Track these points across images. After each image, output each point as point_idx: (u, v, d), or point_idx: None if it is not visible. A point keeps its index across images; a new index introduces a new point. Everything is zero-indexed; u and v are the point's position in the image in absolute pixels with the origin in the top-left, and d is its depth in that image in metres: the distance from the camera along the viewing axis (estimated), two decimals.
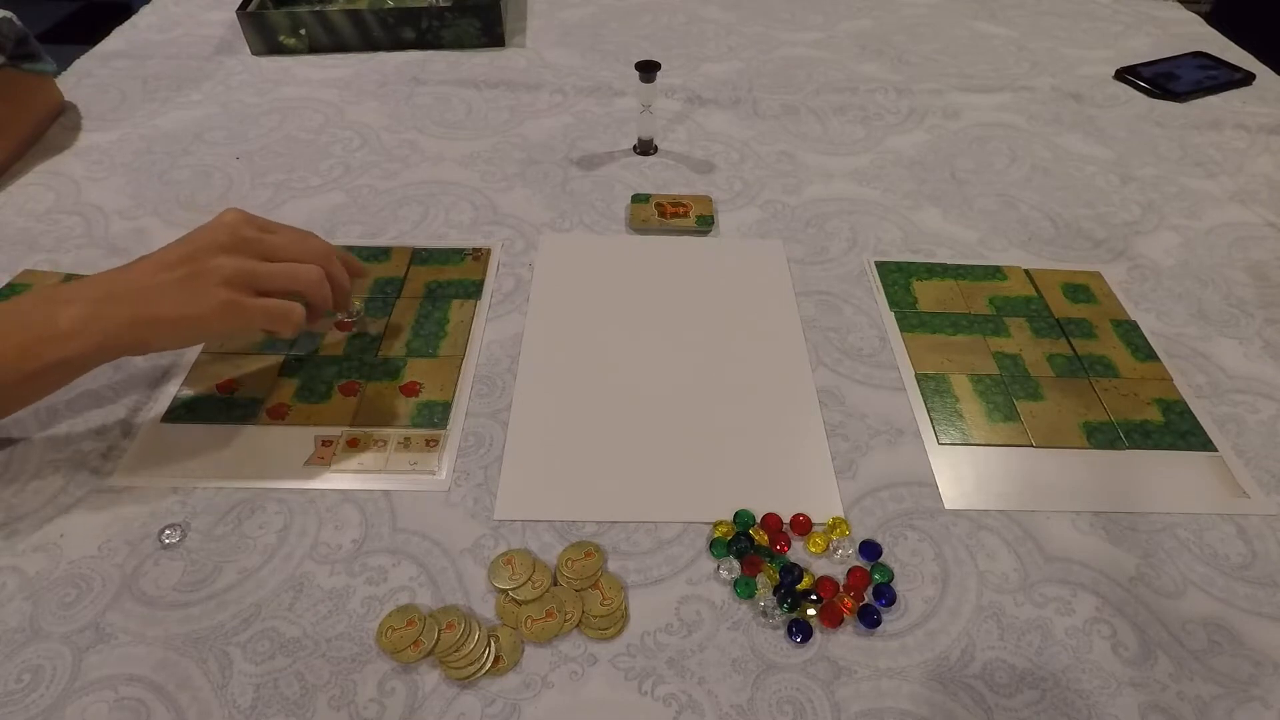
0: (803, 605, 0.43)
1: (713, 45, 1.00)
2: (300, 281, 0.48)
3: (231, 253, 0.46)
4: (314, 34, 0.94)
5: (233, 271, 0.46)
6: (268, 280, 0.47)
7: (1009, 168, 0.79)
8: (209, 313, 0.45)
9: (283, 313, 0.47)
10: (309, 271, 0.49)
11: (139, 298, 0.44)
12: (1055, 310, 0.62)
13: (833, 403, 0.55)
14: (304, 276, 0.48)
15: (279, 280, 0.48)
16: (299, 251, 0.49)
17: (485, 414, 0.53)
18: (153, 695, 0.39)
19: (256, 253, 0.47)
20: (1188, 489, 0.50)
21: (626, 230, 0.70)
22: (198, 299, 0.45)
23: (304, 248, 0.50)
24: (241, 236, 0.47)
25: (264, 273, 0.47)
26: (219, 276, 0.45)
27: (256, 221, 0.49)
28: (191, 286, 0.45)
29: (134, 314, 0.44)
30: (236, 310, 0.45)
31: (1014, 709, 0.40)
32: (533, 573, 0.44)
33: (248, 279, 0.46)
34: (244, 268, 0.46)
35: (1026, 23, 1.08)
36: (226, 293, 0.45)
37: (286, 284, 0.48)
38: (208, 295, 0.45)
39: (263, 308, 0.46)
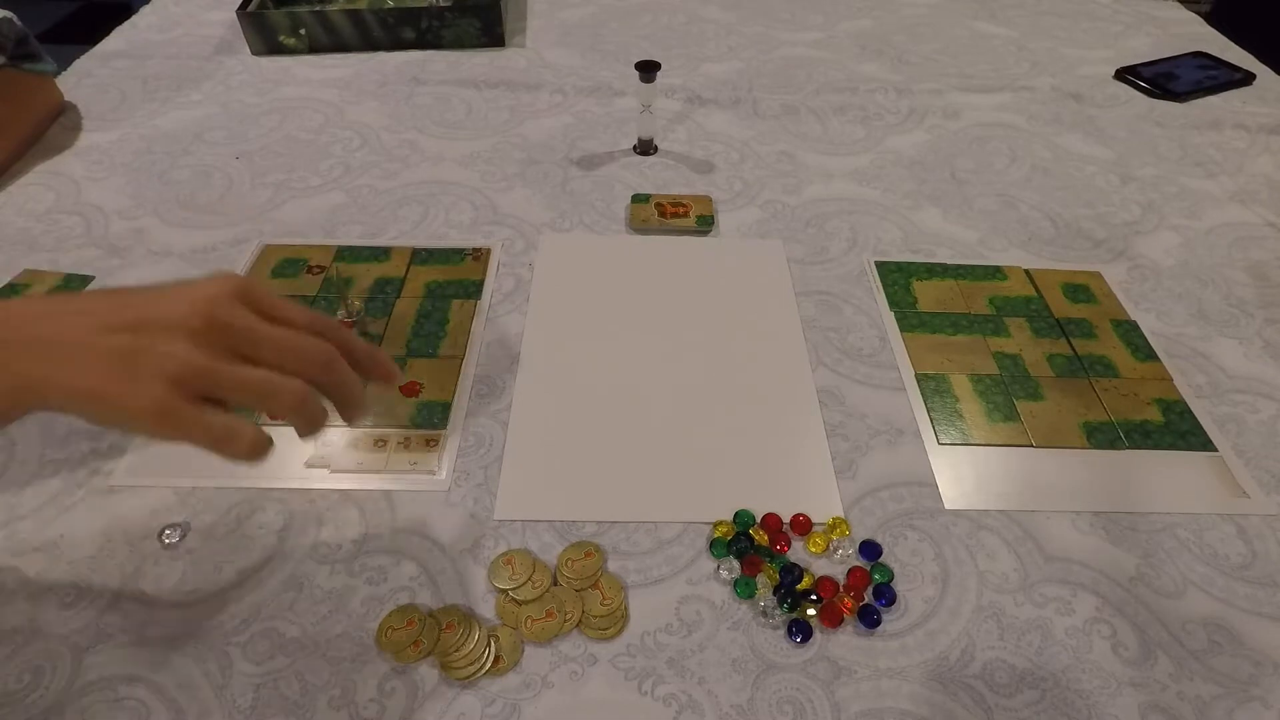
0: (803, 605, 0.43)
1: (713, 45, 1.00)
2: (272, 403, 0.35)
3: (197, 340, 0.34)
4: (314, 34, 0.94)
5: (183, 368, 0.33)
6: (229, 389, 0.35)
7: (1009, 168, 0.79)
8: (134, 408, 0.33)
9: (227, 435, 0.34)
10: (283, 392, 0.35)
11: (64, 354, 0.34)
12: (1055, 310, 0.62)
13: (833, 403, 0.55)
14: (278, 399, 0.35)
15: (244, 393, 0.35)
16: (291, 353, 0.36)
17: (485, 414, 0.53)
18: (153, 695, 0.39)
19: (232, 345, 0.35)
20: (1188, 489, 0.50)
21: (626, 230, 0.70)
22: (131, 386, 0.33)
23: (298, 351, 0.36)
24: (220, 321, 0.35)
25: (226, 380, 0.34)
26: (164, 367, 0.33)
27: (254, 298, 0.37)
28: (125, 365, 0.33)
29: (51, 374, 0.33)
30: (168, 419, 0.33)
31: (1014, 709, 0.40)
32: (533, 573, 0.44)
33: (202, 382, 0.34)
34: (200, 367, 0.34)
35: (1026, 23, 1.08)
36: (165, 391, 0.33)
37: (253, 400, 0.35)
38: (140, 386, 0.33)
39: (204, 427, 0.34)
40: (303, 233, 0.68)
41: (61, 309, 0.35)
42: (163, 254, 0.65)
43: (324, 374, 0.37)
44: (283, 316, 0.37)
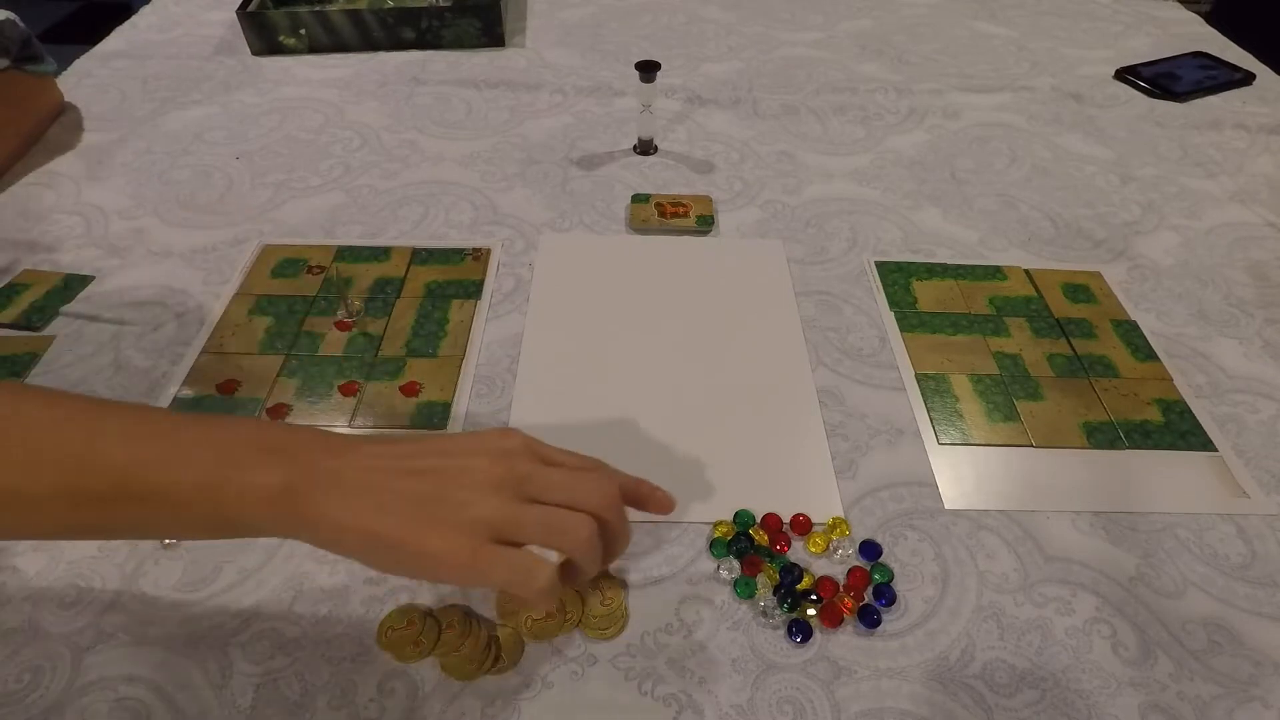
0: (803, 605, 0.43)
1: (713, 45, 1.00)
2: (567, 539, 0.36)
3: (497, 490, 0.36)
4: (314, 34, 0.94)
5: (489, 515, 0.35)
6: (527, 532, 0.36)
7: (1009, 168, 0.79)
8: (438, 554, 0.34)
9: (527, 575, 0.35)
10: (579, 528, 0.36)
11: (369, 497, 0.34)
12: (1055, 310, 0.62)
13: (833, 403, 0.55)
14: (572, 534, 0.36)
15: (539, 534, 0.36)
16: (578, 494, 0.38)
17: (485, 414, 0.53)
18: (153, 695, 0.39)
19: (526, 492, 0.36)
20: (1188, 489, 0.50)
21: (626, 230, 0.70)
22: (433, 532, 0.34)
23: (584, 490, 0.38)
24: (515, 471, 0.37)
25: (525, 522, 0.36)
26: (471, 516, 0.35)
27: (538, 451, 0.39)
28: (432, 513, 0.34)
29: (354, 516, 0.34)
30: (475, 565, 0.34)
31: (1014, 709, 0.40)
32: None
33: (503, 529, 0.35)
34: (504, 515, 0.35)
35: (1026, 23, 1.08)
36: (468, 539, 0.34)
37: (547, 540, 0.36)
38: (447, 533, 0.34)
39: (505, 566, 0.35)
40: (303, 233, 0.68)
41: (367, 450, 0.36)
42: (163, 254, 0.65)
43: (606, 511, 0.38)
44: (562, 460, 0.39)
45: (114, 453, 0.34)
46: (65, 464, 0.33)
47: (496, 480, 0.36)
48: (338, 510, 0.34)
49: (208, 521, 0.34)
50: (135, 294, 0.62)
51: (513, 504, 0.36)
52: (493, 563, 0.34)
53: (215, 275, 0.63)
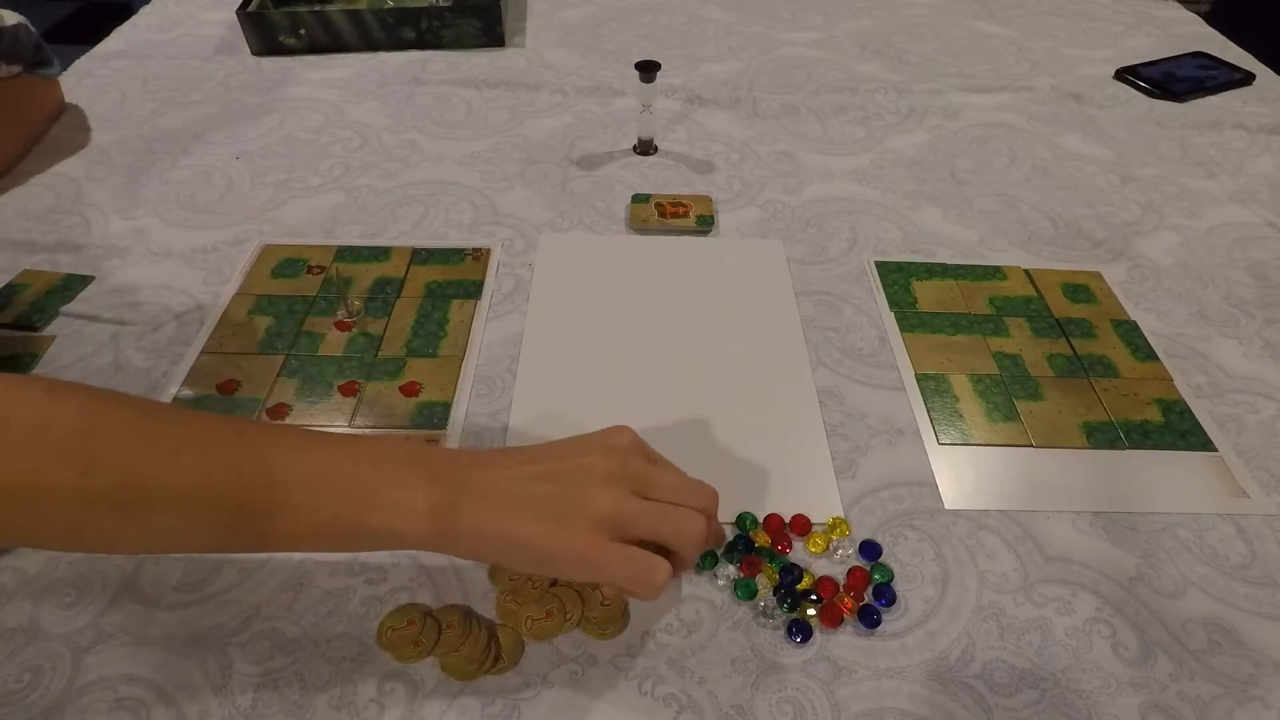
0: (803, 605, 0.43)
1: (713, 45, 1.00)
2: (682, 534, 0.39)
3: (613, 485, 0.38)
4: (314, 34, 0.94)
5: (609, 510, 0.37)
6: (642, 526, 0.38)
7: (1009, 168, 0.79)
8: (564, 550, 0.36)
9: (647, 571, 0.37)
10: (693, 523, 0.39)
11: (501, 503, 0.37)
12: (1055, 310, 0.62)
13: (833, 403, 0.55)
14: (687, 529, 0.39)
15: (655, 528, 0.38)
16: (685, 494, 0.40)
17: (485, 414, 0.53)
18: (153, 695, 0.39)
19: (637, 487, 0.39)
20: (1188, 489, 0.50)
21: (626, 230, 0.70)
22: (559, 530, 0.36)
23: (691, 492, 0.41)
24: (629, 468, 0.39)
25: (641, 516, 0.38)
26: (591, 511, 0.37)
27: (645, 450, 0.41)
28: (558, 511, 0.37)
29: (489, 521, 0.36)
30: (596, 559, 0.36)
31: (1014, 709, 0.40)
32: None
33: (621, 523, 0.37)
34: (622, 509, 0.37)
35: (1026, 23, 1.08)
36: (591, 535, 0.36)
37: (661, 534, 0.38)
38: (572, 530, 0.36)
39: (626, 561, 0.37)
40: (303, 233, 0.68)
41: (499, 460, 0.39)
42: (163, 254, 0.65)
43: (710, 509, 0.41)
44: (666, 465, 0.42)
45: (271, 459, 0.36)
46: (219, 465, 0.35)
47: (612, 476, 0.38)
48: (477, 519, 0.36)
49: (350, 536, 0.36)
50: (135, 294, 0.62)
51: (628, 499, 0.38)
52: (613, 559, 0.37)
53: (215, 275, 0.63)
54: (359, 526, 0.35)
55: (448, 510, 0.36)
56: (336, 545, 0.39)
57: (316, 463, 0.36)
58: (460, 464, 0.38)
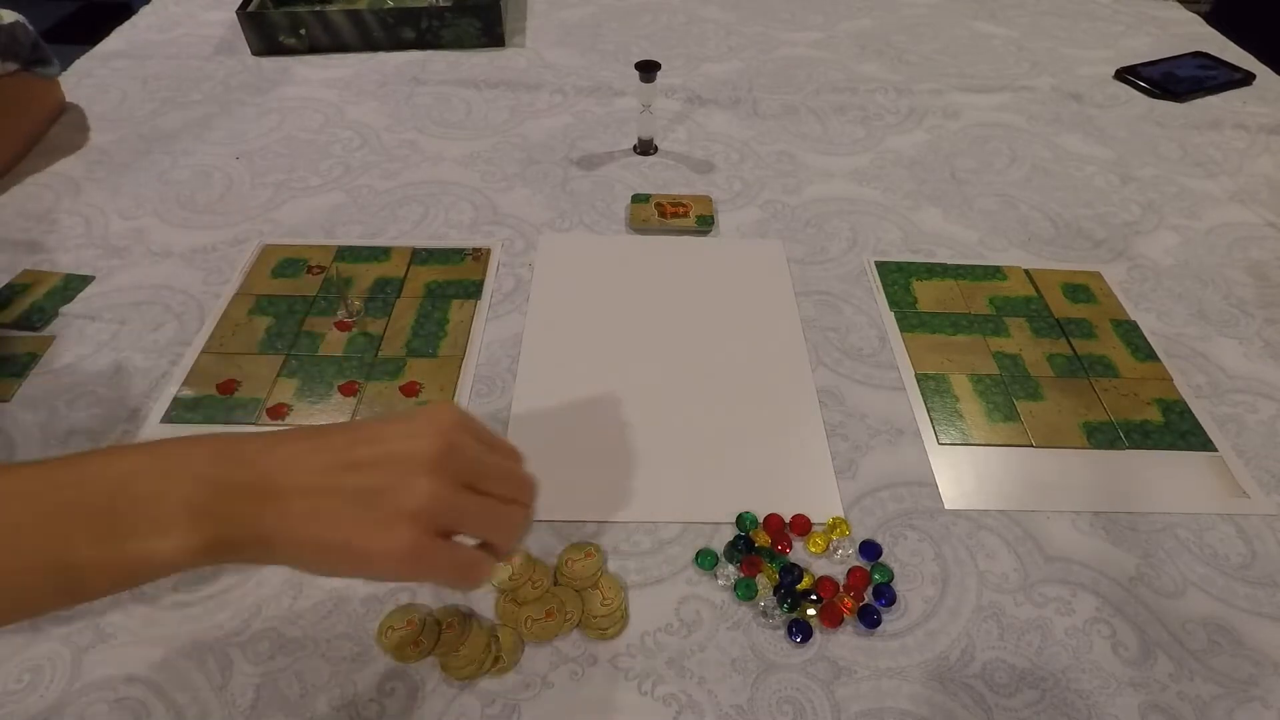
0: (803, 605, 0.43)
1: (713, 45, 1.00)
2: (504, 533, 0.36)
3: (438, 473, 0.33)
4: (314, 34, 0.94)
5: (434, 505, 0.32)
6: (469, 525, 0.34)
7: (1009, 168, 0.79)
8: (383, 554, 0.31)
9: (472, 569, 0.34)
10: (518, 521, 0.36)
11: (295, 502, 0.31)
12: (1055, 310, 0.62)
13: (833, 403, 0.55)
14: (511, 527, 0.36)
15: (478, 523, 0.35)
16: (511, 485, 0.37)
17: (485, 414, 0.53)
18: (153, 695, 0.39)
19: (465, 477, 0.34)
20: (1188, 489, 0.50)
21: (626, 230, 0.70)
22: (375, 530, 0.31)
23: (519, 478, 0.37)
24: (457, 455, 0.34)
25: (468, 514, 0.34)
26: (414, 506, 0.32)
27: (474, 429, 0.36)
28: (373, 507, 0.32)
29: (287, 523, 0.31)
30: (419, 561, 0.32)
31: (1014, 709, 0.40)
32: (533, 573, 0.44)
33: (446, 519, 0.33)
34: (449, 504, 0.33)
35: (1026, 23, 1.08)
36: (413, 533, 0.32)
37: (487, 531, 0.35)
38: (390, 530, 0.31)
39: (451, 563, 0.33)
40: (303, 233, 0.68)
41: (295, 449, 0.33)
42: (163, 254, 0.65)
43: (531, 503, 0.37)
44: (496, 444, 0.37)
45: None
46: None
47: (437, 463, 0.33)
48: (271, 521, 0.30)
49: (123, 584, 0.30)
50: (135, 294, 0.62)
51: (456, 493, 0.33)
52: (439, 561, 0.33)
53: (215, 275, 0.63)
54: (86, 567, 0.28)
55: (224, 514, 0.30)
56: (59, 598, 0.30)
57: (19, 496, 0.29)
58: (243, 454, 0.31)
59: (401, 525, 0.32)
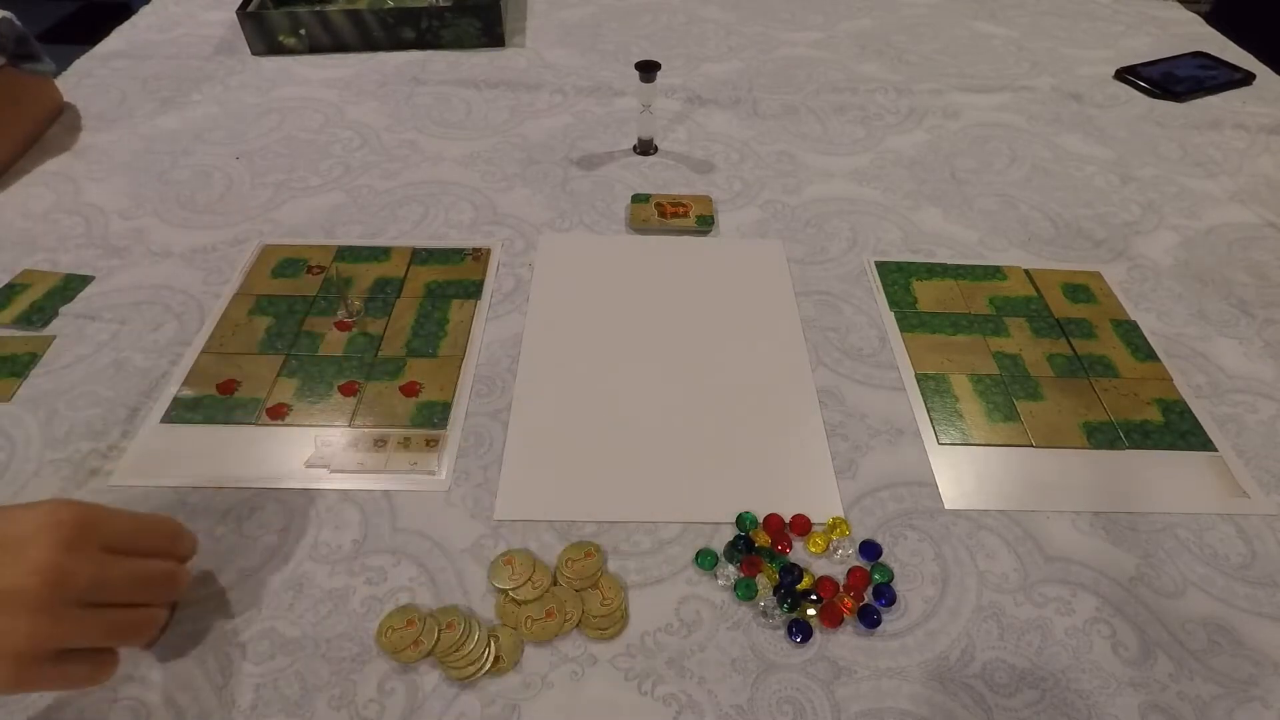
0: (803, 605, 0.43)
1: (713, 45, 1.00)
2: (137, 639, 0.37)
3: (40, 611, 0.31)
4: (314, 34, 0.94)
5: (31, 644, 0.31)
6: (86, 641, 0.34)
7: (1009, 168, 0.79)
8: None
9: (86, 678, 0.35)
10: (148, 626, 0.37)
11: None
12: (1055, 310, 0.62)
13: (833, 403, 0.55)
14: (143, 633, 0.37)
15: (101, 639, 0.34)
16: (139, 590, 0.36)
17: (485, 414, 0.53)
18: (153, 695, 0.39)
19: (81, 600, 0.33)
20: (1188, 489, 0.50)
21: (626, 230, 0.70)
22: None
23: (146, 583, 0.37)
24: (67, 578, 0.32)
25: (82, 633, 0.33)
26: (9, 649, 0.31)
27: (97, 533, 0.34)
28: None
29: None
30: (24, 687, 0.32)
31: (1014, 709, 0.40)
32: (533, 573, 0.44)
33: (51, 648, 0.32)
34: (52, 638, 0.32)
35: (1026, 23, 1.08)
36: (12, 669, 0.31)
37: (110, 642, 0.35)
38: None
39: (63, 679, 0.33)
40: (303, 233, 0.68)
41: None
42: (163, 254, 0.65)
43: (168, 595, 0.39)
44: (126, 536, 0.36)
45: None
46: None
47: (38, 600, 0.31)
48: None
49: None
50: (135, 294, 0.62)
51: (63, 624, 0.32)
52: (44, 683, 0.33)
53: (215, 275, 0.63)
54: None
55: None
56: None
57: None
58: None
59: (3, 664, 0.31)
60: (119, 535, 0.35)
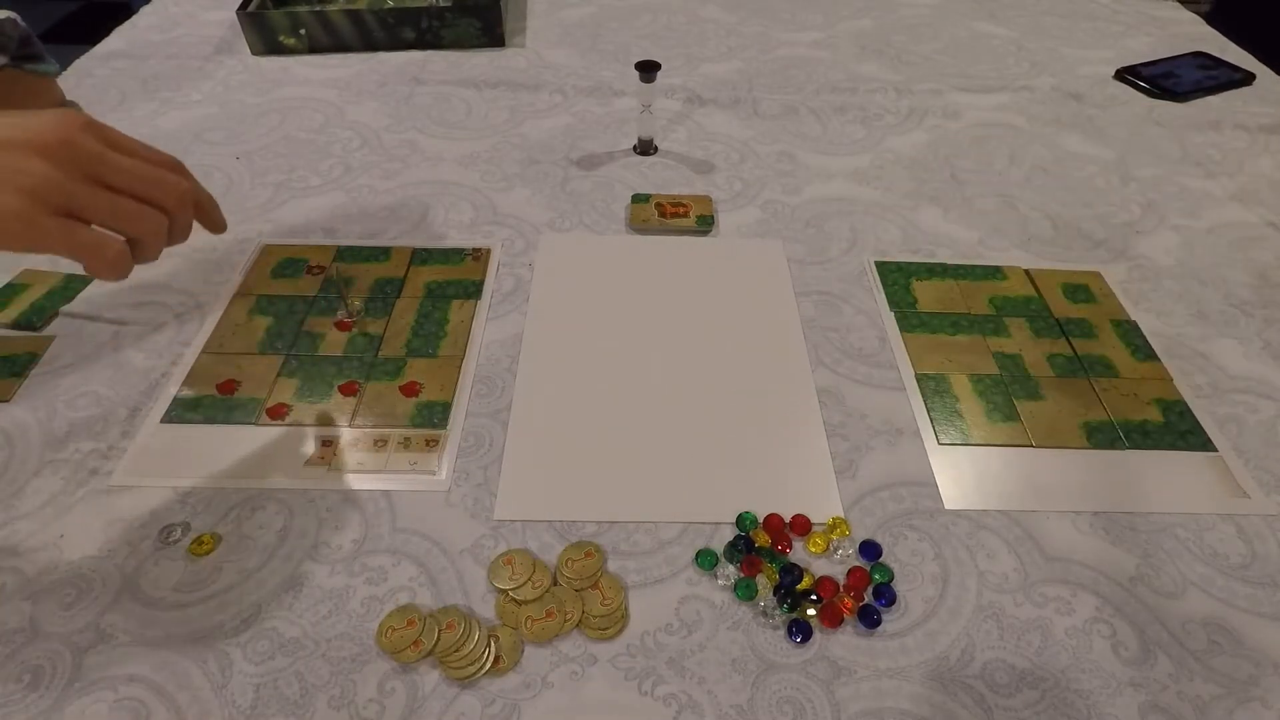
0: (803, 605, 0.43)
1: (713, 45, 1.00)
2: (137, 227, 0.38)
3: (53, 161, 0.35)
4: (314, 34, 0.94)
5: (42, 183, 0.35)
6: (91, 211, 0.37)
7: (1009, 168, 0.79)
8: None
9: (94, 246, 0.36)
10: (149, 219, 0.38)
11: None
12: (1055, 310, 0.62)
13: (833, 403, 0.55)
14: (143, 225, 0.38)
15: (107, 217, 0.37)
16: (151, 188, 0.39)
17: (485, 414, 0.53)
18: (153, 695, 0.39)
19: (90, 174, 0.36)
20: (1188, 489, 0.50)
21: (626, 230, 0.70)
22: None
23: (155, 183, 0.39)
24: (77, 147, 0.36)
25: (88, 203, 0.36)
26: (22, 183, 0.34)
27: (104, 132, 0.38)
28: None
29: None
30: (26, 227, 0.35)
31: (1014, 709, 0.40)
32: (533, 573, 0.44)
33: (61, 200, 0.35)
34: (61, 186, 0.35)
35: (1026, 23, 1.08)
36: (25, 202, 0.34)
37: (116, 224, 0.38)
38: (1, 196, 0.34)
39: (64, 233, 0.36)
40: (303, 233, 0.68)
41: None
42: (162, 254, 0.65)
43: (177, 208, 0.40)
44: (133, 147, 0.39)
45: None
46: None
47: (53, 151, 0.35)
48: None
49: None
50: (135, 294, 0.62)
51: (78, 182, 0.36)
52: (51, 230, 0.35)
53: (215, 275, 0.63)
54: None
55: None
56: None
57: None
58: None
59: (11, 197, 0.34)
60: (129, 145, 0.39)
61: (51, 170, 0.35)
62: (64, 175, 0.35)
